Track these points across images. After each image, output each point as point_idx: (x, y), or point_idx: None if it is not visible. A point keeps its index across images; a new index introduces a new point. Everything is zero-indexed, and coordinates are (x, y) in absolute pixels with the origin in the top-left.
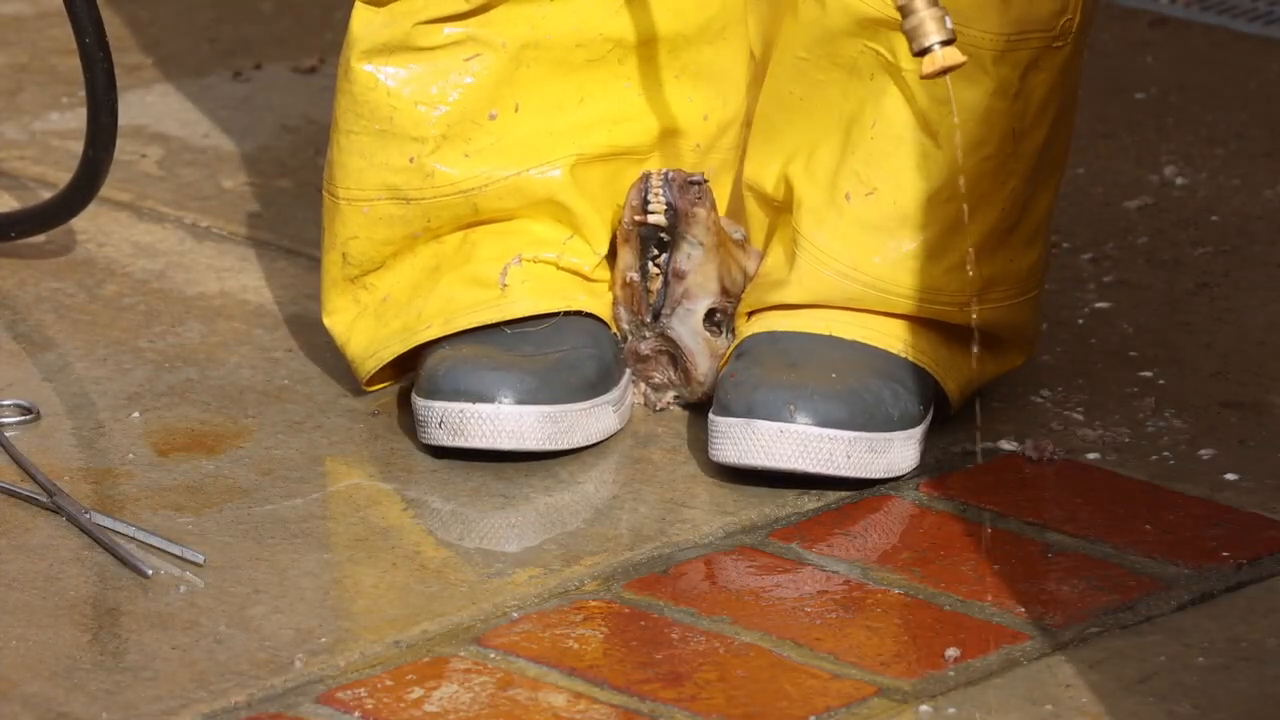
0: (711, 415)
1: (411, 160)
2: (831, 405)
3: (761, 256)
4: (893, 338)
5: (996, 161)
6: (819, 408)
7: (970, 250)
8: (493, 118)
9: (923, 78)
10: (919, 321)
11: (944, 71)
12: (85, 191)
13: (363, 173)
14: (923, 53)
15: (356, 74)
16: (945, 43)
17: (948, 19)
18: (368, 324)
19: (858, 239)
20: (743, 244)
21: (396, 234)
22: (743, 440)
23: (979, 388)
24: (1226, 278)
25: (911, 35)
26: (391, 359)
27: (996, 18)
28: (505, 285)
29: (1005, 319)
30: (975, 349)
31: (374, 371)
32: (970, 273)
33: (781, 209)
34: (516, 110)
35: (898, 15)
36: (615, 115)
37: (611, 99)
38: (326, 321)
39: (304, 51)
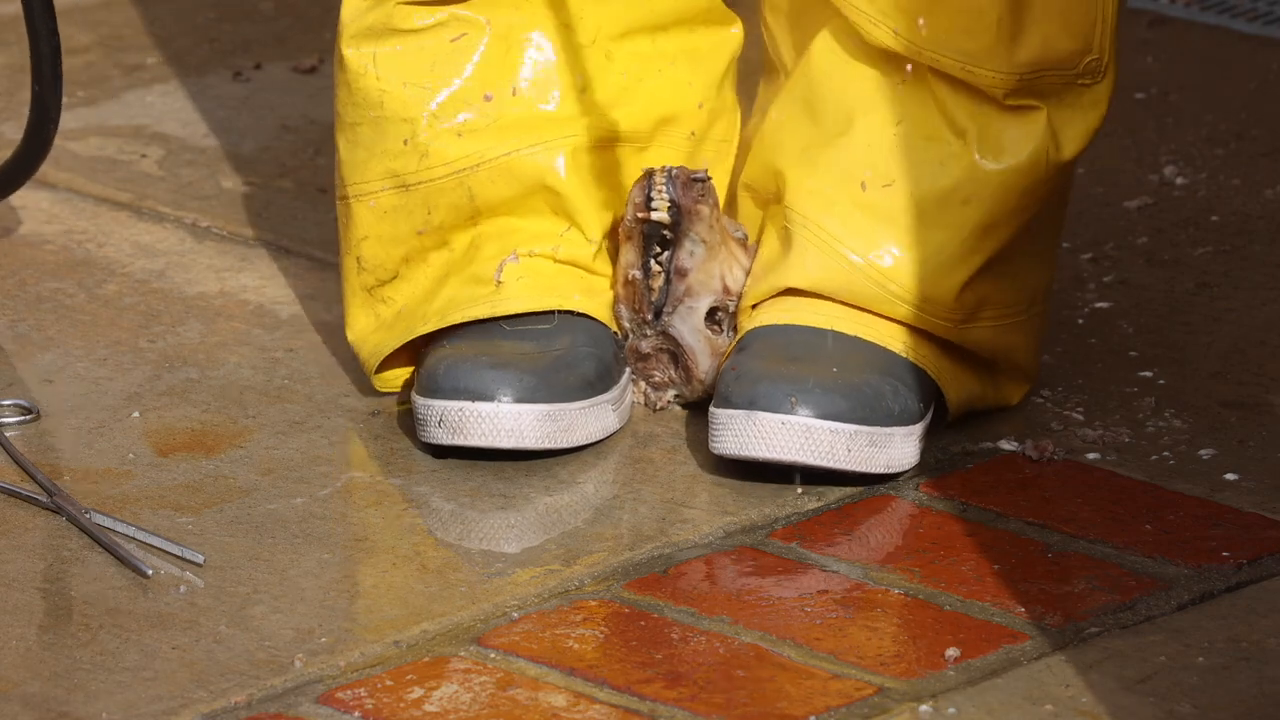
0: (712, 408)
1: (406, 142)
2: (833, 398)
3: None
4: (892, 338)
5: (1029, 177)
6: (820, 400)
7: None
8: (488, 99)
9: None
10: (920, 333)
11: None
12: (40, 135)
13: (366, 164)
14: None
15: (347, 61)
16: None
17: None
18: (382, 336)
19: (868, 226)
20: (744, 243)
21: (402, 230)
22: (744, 432)
23: (976, 410)
24: (1226, 278)
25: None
26: (391, 351)
27: (1004, 59)
28: (500, 282)
29: (996, 341)
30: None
31: (376, 366)
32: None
33: (770, 200)
34: (514, 94)
35: (925, 60)
36: (612, 100)
37: (609, 84)
38: (349, 336)
39: (304, 51)
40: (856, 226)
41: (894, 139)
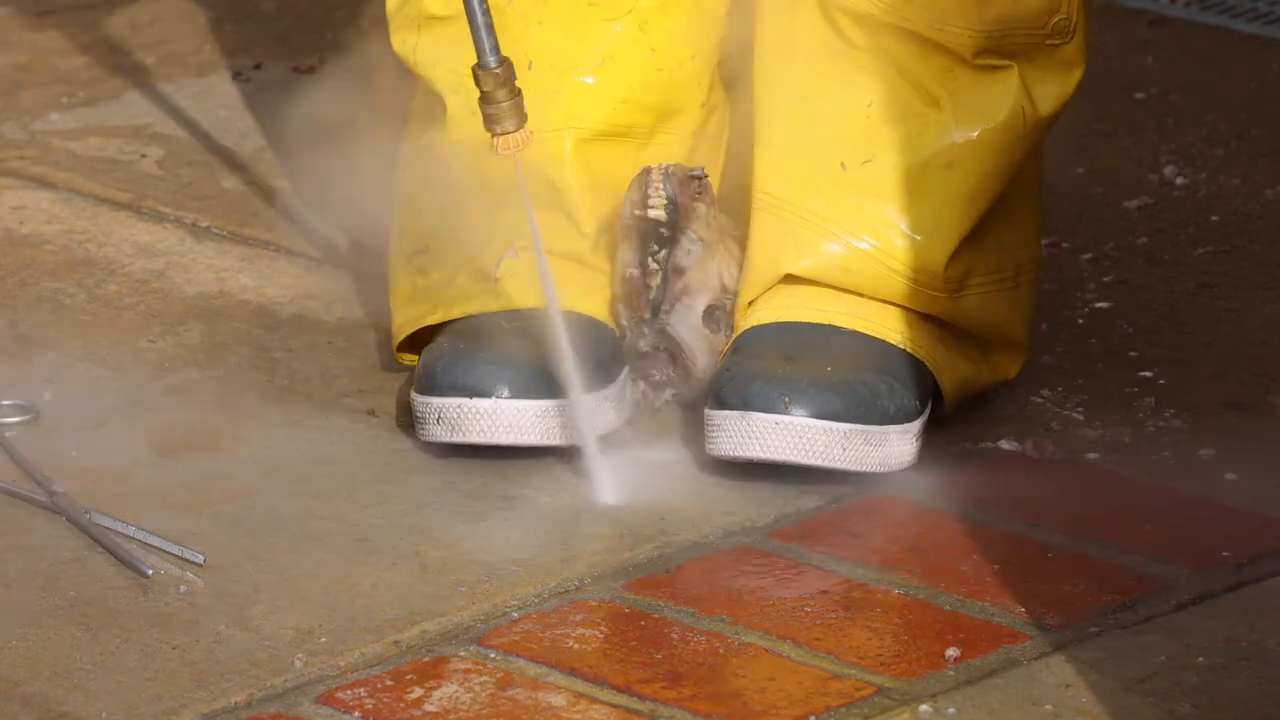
0: (707, 409)
1: (439, 117)
2: (827, 397)
3: None
4: (890, 329)
5: (1008, 134)
6: (814, 400)
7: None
8: None
9: (499, 154)
10: (916, 315)
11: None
12: None
13: (414, 138)
14: (499, 134)
15: (396, 51)
16: (518, 126)
17: (524, 104)
18: (413, 309)
19: (856, 205)
20: (741, 240)
21: (428, 202)
22: (738, 433)
23: (973, 394)
24: (1226, 278)
25: (490, 119)
26: (414, 331)
27: (974, 14)
28: (496, 278)
29: (986, 309)
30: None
31: (399, 343)
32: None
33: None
34: (530, 67)
35: (895, 19)
36: (624, 94)
37: (634, 60)
38: (390, 299)
39: (304, 51)
40: (845, 206)
41: (865, 119)
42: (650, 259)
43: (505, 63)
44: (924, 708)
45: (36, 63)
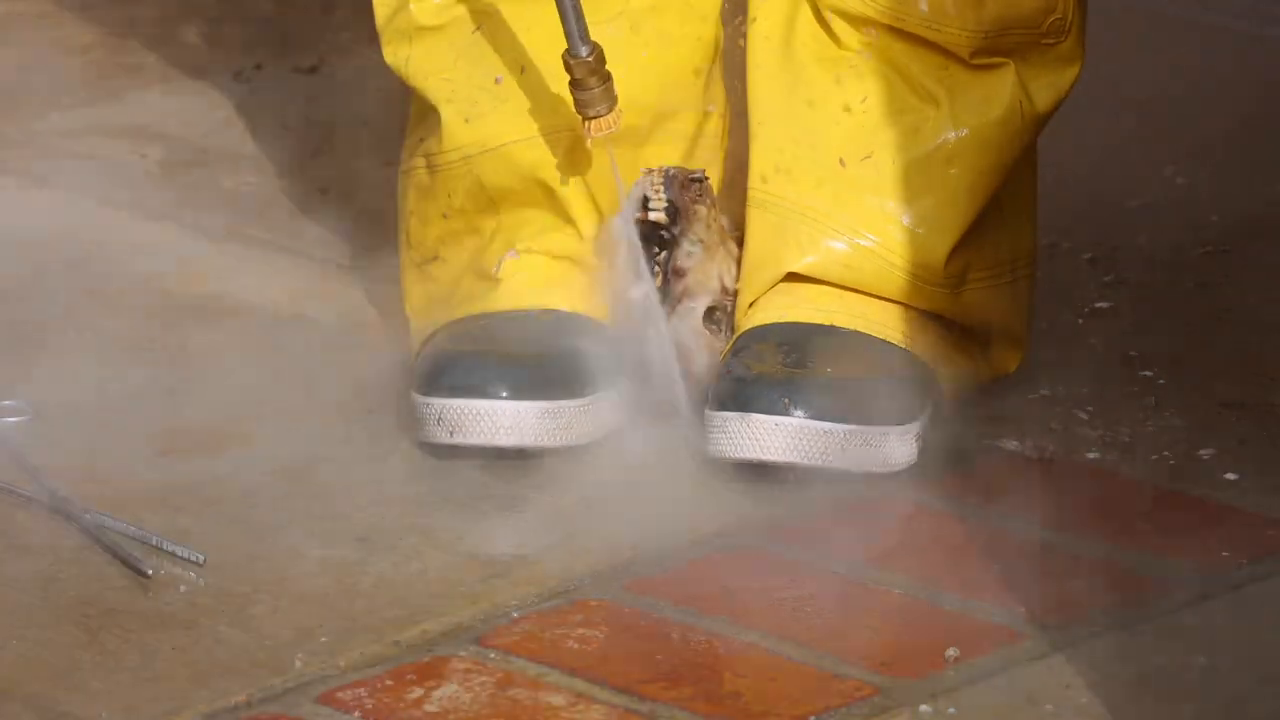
0: (708, 410)
1: (434, 126)
2: (827, 398)
3: None
4: (891, 328)
5: (1006, 130)
6: (814, 401)
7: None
8: (498, 82)
9: (591, 137)
10: (917, 313)
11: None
12: None
13: (412, 146)
14: (591, 118)
15: (391, 65)
16: (609, 109)
17: (614, 88)
18: (429, 316)
19: (857, 201)
20: (741, 242)
21: (430, 210)
22: (738, 434)
23: (972, 389)
24: (1226, 278)
25: (582, 104)
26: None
27: (970, 16)
28: (498, 278)
29: (986, 305)
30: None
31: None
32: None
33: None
34: (523, 71)
35: (890, 20)
36: (625, 80)
37: (623, 71)
38: (405, 308)
39: (304, 51)
40: (846, 203)
41: (861, 116)
42: (650, 261)
43: (595, 49)
44: (924, 708)
45: (36, 63)
